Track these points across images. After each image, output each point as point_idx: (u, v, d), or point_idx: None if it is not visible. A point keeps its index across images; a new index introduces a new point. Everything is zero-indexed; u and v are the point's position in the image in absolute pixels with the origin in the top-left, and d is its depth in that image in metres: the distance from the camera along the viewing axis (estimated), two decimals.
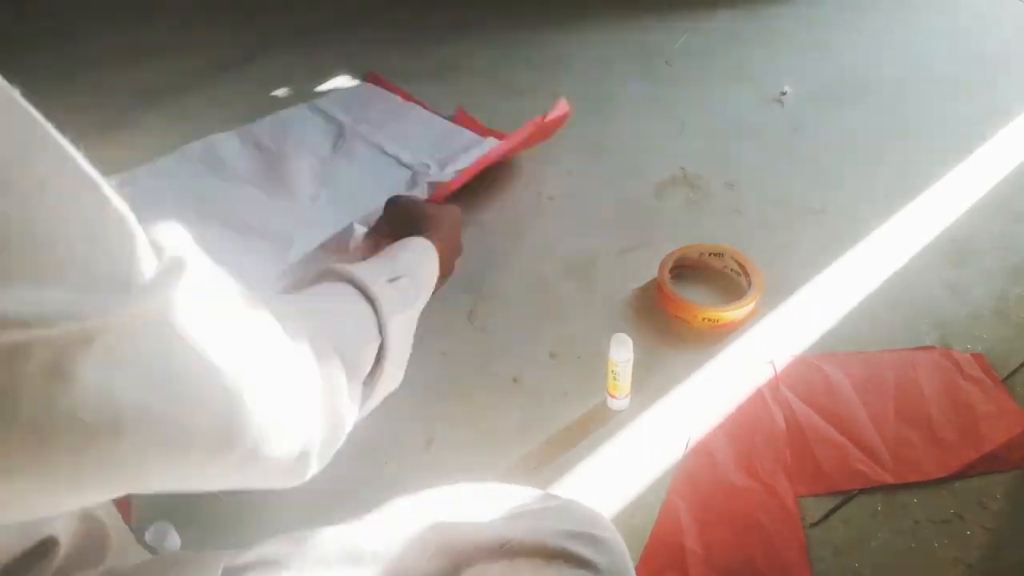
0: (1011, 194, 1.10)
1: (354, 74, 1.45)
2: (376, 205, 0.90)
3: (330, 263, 0.57)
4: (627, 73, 1.43)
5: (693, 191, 1.14)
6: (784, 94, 1.33)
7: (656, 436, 0.81)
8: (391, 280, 0.59)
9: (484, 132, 1.25)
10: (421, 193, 1.10)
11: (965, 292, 0.95)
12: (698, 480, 0.76)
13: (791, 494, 0.74)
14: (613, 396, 0.81)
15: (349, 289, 0.54)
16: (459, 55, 1.51)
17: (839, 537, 0.72)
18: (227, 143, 1.24)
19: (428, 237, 0.72)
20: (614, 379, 0.79)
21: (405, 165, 1.18)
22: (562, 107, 1.12)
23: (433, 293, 0.71)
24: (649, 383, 0.85)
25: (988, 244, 1.02)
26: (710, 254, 0.99)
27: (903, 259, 1.00)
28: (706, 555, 0.70)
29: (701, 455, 0.78)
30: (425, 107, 1.33)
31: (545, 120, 1.09)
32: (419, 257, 0.69)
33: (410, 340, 0.60)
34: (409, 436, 0.82)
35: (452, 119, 1.29)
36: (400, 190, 1.13)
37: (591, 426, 0.82)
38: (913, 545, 0.71)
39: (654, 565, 0.69)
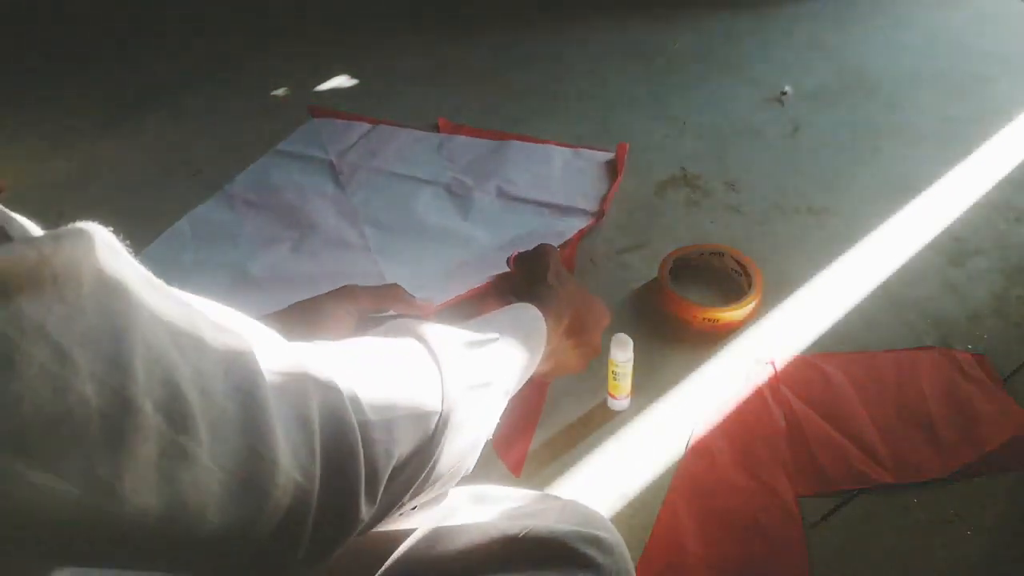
0: (1011, 194, 1.10)
1: (354, 74, 1.46)
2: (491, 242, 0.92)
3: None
4: (627, 73, 1.43)
5: (693, 191, 1.14)
6: (784, 94, 1.33)
7: (656, 436, 0.81)
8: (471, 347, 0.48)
9: (472, 134, 1.24)
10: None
11: (965, 292, 0.95)
12: (698, 480, 0.76)
13: (791, 494, 0.74)
14: (613, 396, 0.81)
15: (413, 343, 0.44)
16: (459, 55, 1.51)
17: (839, 537, 0.72)
18: (216, 209, 1.14)
19: (548, 314, 0.58)
20: (614, 379, 0.79)
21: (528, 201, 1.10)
22: (620, 151, 1.17)
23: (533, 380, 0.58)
24: (649, 383, 0.85)
25: (988, 244, 1.02)
26: (710, 254, 0.99)
27: (903, 259, 1.00)
28: (706, 555, 0.70)
29: (701, 455, 0.78)
30: (396, 124, 1.27)
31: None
32: (529, 326, 0.56)
33: (475, 443, 0.48)
34: None
35: (435, 128, 1.28)
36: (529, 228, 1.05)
37: (591, 426, 0.82)
38: (913, 545, 0.71)
39: (654, 565, 0.69)
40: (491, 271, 0.90)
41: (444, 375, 0.42)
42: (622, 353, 0.76)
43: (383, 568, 0.48)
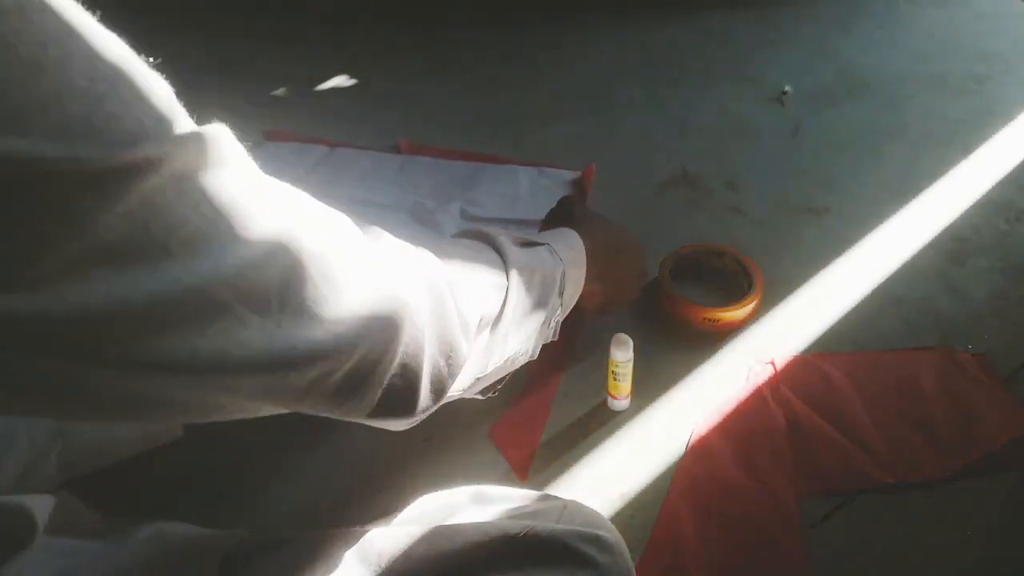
0: (1011, 194, 1.10)
1: (353, 74, 1.45)
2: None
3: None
4: (627, 73, 1.43)
5: (693, 191, 1.14)
6: (785, 94, 1.33)
7: (656, 436, 0.81)
8: (523, 245, 0.63)
9: (439, 155, 1.19)
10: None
11: (965, 292, 0.95)
12: (698, 480, 0.76)
13: (791, 494, 0.74)
14: (613, 396, 0.81)
15: (473, 240, 0.60)
16: (459, 54, 1.51)
17: (839, 537, 0.72)
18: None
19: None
20: (615, 379, 0.79)
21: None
22: (588, 172, 1.15)
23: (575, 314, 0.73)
24: (649, 383, 0.85)
25: (988, 244, 1.02)
26: (710, 254, 0.99)
27: (903, 259, 1.00)
28: (706, 555, 0.70)
29: (701, 455, 0.78)
30: (355, 147, 1.22)
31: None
32: (567, 240, 0.70)
33: (535, 310, 0.61)
34: (408, 436, 0.81)
35: (396, 149, 1.22)
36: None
37: (591, 426, 0.82)
38: (913, 545, 0.71)
39: (654, 565, 0.69)
40: None
41: (507, 261, 0.57)
42: (622, 353, 0.76)
43: (383, 567, 0.48)
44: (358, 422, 0.46)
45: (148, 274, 0.27)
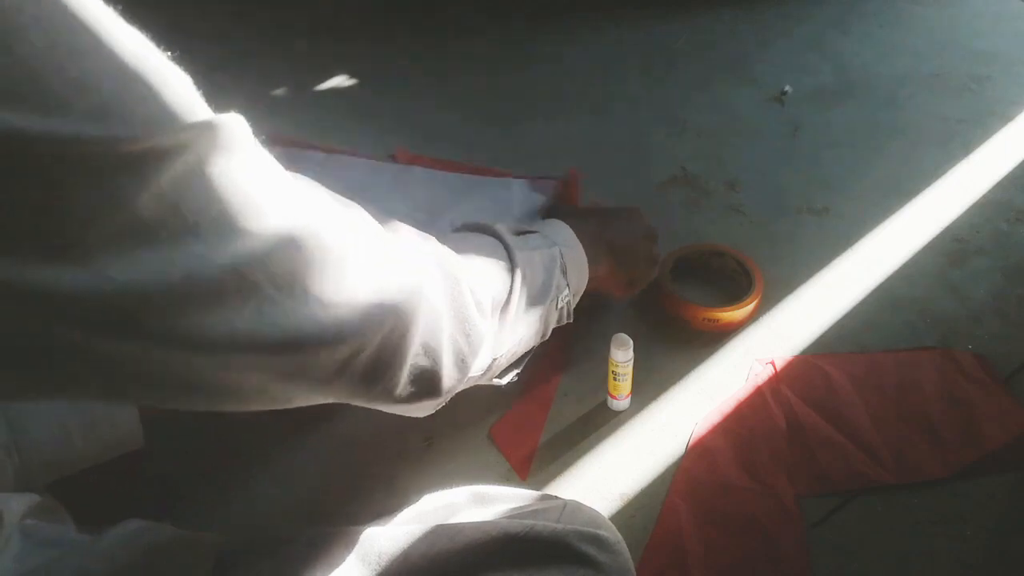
0: (1011, 194, 1.10)
1: (353, 74, 1.45)
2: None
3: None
4: (627, 73, 1.43)
5: (693, 191, 1.14)
6: (785, 93, 1.33)
7: (656, 436, 0.81)
8: (517, 233, 0.67)
9: (434, 165, 1.18)
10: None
11: (965, 292, 0.95)
12: (698, 480, 0.76)
13: (791, 494, 0.74)
14: (613, 397, 0.81)
15: (472, 231, 0.65)
16: (458, 55, 1.51)
17: (839, 538, 0.72)
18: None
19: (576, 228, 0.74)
20: (614, 379, 0.79)
21: None
22: (572, 179, 1.12)
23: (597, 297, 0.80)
24: (649, 383, 0.85)
25: (988, 244, 1.02)
26: (710, 254, 0.99)
27: (903, 259, 1.01)
28: (706, 555, 0.70)
29: (701, 455, 0.78)
30: (351, 153, 1.20)
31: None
32: (552, 227, 0.73)
33: (542, 289, 0.64)
34: (409, 436, 0.82)
35: (393, 159, 1.21)
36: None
37: (591, 426, 0.82)
38: (913, 545, 0.71)
39: (654, 565, 0.69)
40: None
41: (508, 246, 0.62)
42: (622, 353, 0.76)
43: (383, 567, 0.48)
44: (384, 410, 0.49)
45: (182, 253, 0.29)
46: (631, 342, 0.77)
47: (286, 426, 0.81)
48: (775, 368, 0.86)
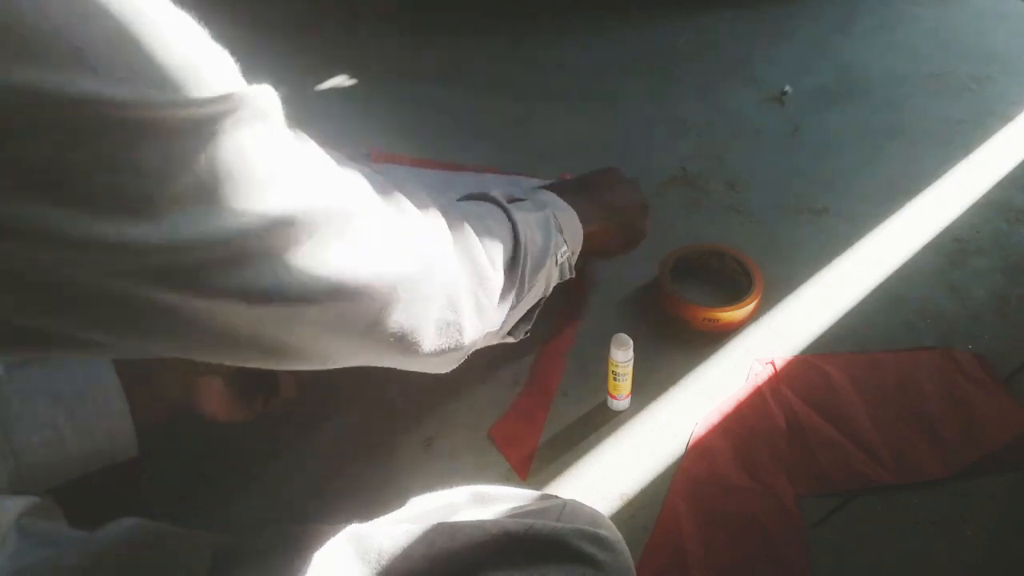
0: (1011, 194, 1.10)
1: (353, 74, 1.45)
2: None
3: None
4: (627, 73, 1.43)
5: (693, 191, 1.14)
6: (785, 93, 1.33)
7: (656, 436, 0.81)
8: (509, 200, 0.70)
9: (413, 163, 1.19)
10: None
11: (965, 292, 0.95)
12: (698, 480, 0.76)
13: (791, 494, 0.74)
14: (613, 397, 0.81)
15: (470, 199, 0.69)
16: (459, 55, 1.51)
17: (839, 538, 0.72)
18: None
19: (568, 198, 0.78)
20: (614, 379, 0.79)
21: None
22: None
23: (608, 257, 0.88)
24: (649, 383, 0.85)
25: (988, 244, 1.02)
26: (710, 254, 0.99)
27: (903, 259, 1.00)
28: (706, 555, 0.70)
29: (701, 455, 0.78)
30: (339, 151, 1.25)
31: None
32: (538, 194, 0.77)
33: (543, 245, 0.69)
34: (409, 437, 0.82)
35: (368, 158, 1.21)
36: None
37: (591, 426, 0.82)
38: (914, 546, 0.71)
39: (654, 565, 0.69)
40: None
41: (505, 209, 0.66)
42: (622, 353, 0.76)
43: (383, 566, 0.48)
44: (412, 367, 0.55)
45: (234, 211, 0.31)
46: (631, 342, 0.77)
47: (286, 427, 0.81)
48: (775, 368, 0.86)
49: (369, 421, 0.84)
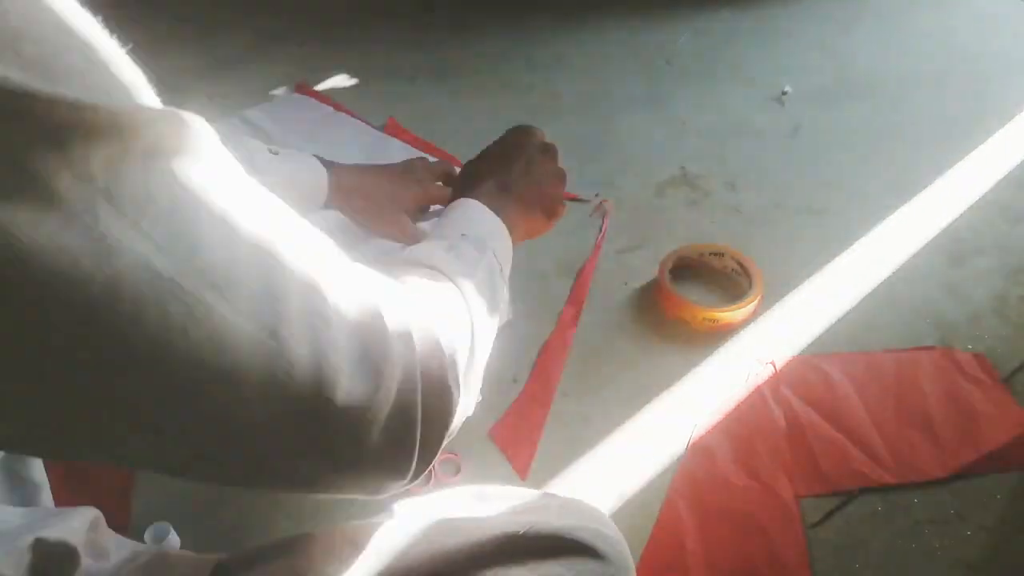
0: (1011, 194, 1.10)
1: (353, 74, 1.45)
2: None
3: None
4: (627, 73, 1.43)
5: (693, 191, 1.14)
6: (785, 94, 1.33)
7: (656, 436, 0.81)
8: (448, 250, 0.55)
9: (414, 143, 1.23)
10: None
11: (965, 292, 0.95)
12: (698, 480, 0.76)
13: (791, 494, 0.74)
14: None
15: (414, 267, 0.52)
16: (459, 55, 1.51)
17: (839, 537, 0.72)
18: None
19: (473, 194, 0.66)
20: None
21: None
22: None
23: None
24: (649, 383, 0.85)
25: (988, 244, 1.02)
26: (710, 254, 0.99)
27: (903, 259, 1.00)
28: (706, 555, 0.70)
29: (701, 455, 0.78)
30: (354, 116, 1.31)
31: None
32: (469, 217, 0.63)
33: (494, 295, 0.56)
34: None
35: (383, 129, 1.27)
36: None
37: (591, 426, 0.82)
38: (913, 545, 0.71)
39: (654, 565, 0.69)
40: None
41: (458, 284, 0.51)
42: None
43: (383, 565, 0.48)
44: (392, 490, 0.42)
45: (114, 243, 0.25)
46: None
47: None
48: (775, 368, 0.86)
49: None
